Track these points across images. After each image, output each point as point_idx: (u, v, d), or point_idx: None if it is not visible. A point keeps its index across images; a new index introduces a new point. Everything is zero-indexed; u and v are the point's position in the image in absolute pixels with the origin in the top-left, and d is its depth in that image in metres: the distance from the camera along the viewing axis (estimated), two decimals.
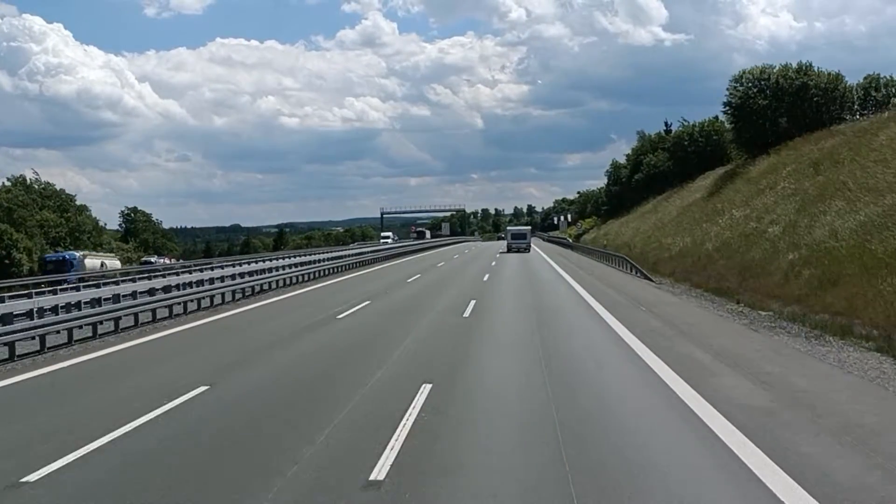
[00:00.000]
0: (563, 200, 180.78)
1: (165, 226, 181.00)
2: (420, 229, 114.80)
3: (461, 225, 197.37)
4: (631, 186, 70.06)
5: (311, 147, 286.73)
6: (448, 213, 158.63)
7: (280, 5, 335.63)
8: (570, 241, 69.32)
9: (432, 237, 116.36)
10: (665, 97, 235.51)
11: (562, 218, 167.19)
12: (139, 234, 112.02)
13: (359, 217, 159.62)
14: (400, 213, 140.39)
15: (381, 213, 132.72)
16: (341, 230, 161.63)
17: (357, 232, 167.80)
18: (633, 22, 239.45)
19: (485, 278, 31.57)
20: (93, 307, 17.03)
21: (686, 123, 64.54)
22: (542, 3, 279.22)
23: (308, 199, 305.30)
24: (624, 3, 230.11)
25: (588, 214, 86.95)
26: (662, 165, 65.84)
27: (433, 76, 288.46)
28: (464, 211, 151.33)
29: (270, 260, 38.16)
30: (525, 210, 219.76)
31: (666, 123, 71.37)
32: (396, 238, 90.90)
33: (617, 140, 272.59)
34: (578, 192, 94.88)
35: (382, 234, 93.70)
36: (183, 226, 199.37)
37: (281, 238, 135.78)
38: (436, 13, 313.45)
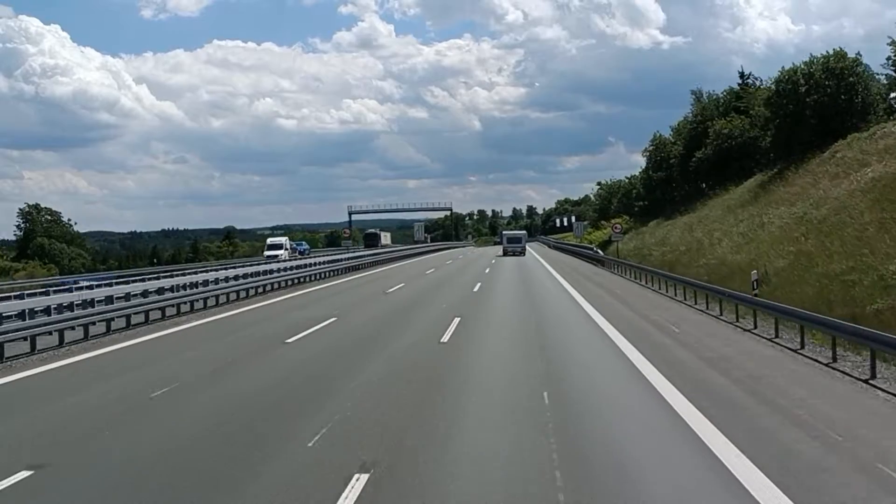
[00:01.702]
0: (566, 201, 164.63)
1: (157, 228, 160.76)
2: (372, 231, 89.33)
3: (455, 227, 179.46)
4: (689, 169, 46.31)
5: (309, 149, 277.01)
6: (442, 215, 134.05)
7: (276, 7, 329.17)
8: (599, 251, 44.85)
9: (411, 243, 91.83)
10: (663, 100, 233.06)
11: (573, 219, 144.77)
12: (34, 237, 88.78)
13: (356, 220, 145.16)
14: (376, 212, 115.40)
15: (349, 213, 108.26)
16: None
17: (340, 235, 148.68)
18: (631, 24, 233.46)
19: None
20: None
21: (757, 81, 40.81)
22: (539, 6, 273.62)
23: (306, 201, 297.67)
24: (621, 5, 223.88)
25: (614, 213, 63.31)
26: (742, 134, 42.22)
27: (430, 78, 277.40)
28: (450, 210, 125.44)
29: None
30: (524, 212, 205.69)
31: (742, 74, 47.51)
32: (306, 249, 64.15)
33: (615, 143, 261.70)
34: (598, 183, 71.27)
35: (270, 241, 56.23)
36: (176, 228, 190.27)
37: (230, 243, 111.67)
38: (432, 16, 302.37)
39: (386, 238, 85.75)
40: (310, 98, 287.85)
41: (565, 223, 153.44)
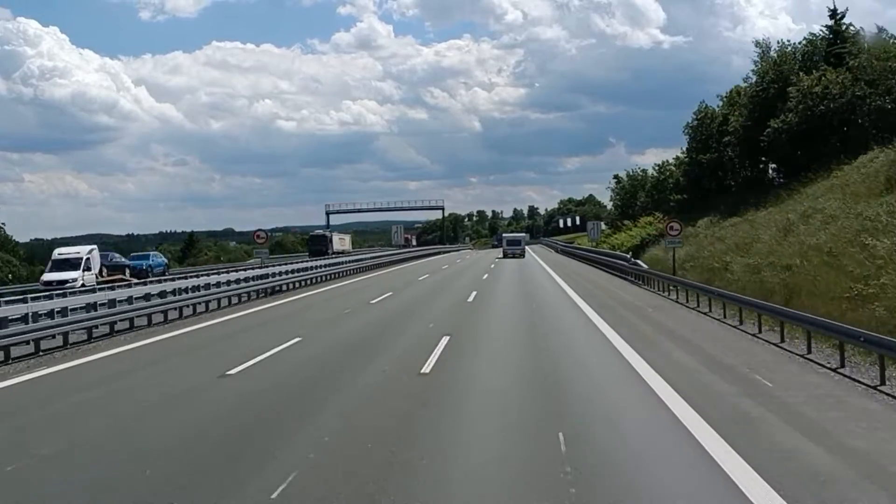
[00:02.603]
0: (570, 201, 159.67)
1: (155, 230, 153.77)
2: (318, 233, 69.87)
3: (453, 229, 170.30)
4: (759, 146, 33.12)
5: (309, 151, 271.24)
6: (436, 215, 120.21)
7: (275, 8, 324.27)
8: (641, 263, 30.66)
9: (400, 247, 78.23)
10: (664, 100, 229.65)
11: (577, 219, 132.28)
12: None
13: (357, 221, 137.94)
14: (357, 212, 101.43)
15: (327, 213, 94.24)
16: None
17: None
18: (631, 24, 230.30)
19: None
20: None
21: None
22: (538, 6, 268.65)
23: (306, 202, 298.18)
24: (621, 4, 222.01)
25: (640, 211, 50.13)
26: (845, 93, 29.12)
27: (430, 79, 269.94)
28: (442, 209, 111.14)
29: None
30: (526, 212, 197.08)
31: (833, 13, 34.05)
32: (158, 265, 36.90)
33: (616, 143, 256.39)
34: (616, 177, 56.91)
35: (58, 253, 29.50)
36: (173, 230, 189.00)
37: (190, 247, 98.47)
38: (431, 16, 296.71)
39: (342, 242, 69.41)
40: (309, 99, 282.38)
41: (569, 224, 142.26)
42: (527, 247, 77.75)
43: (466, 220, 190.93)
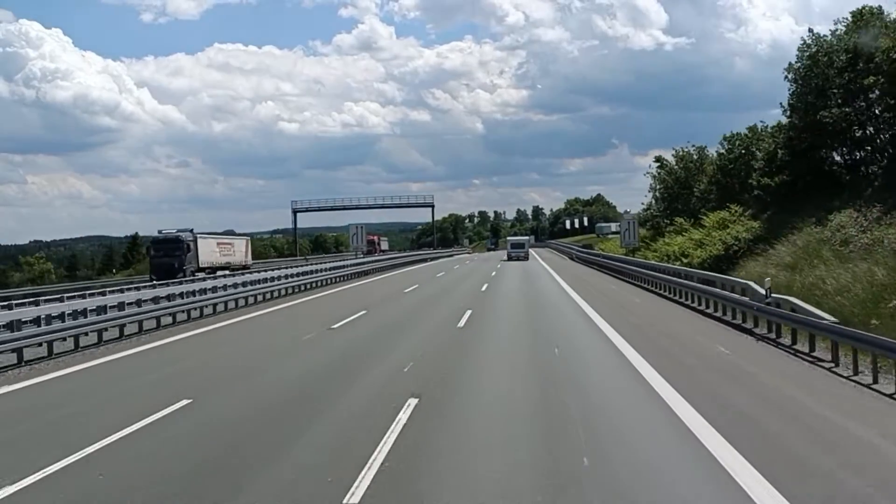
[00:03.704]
0: (577, 201, 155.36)
1: (156, 232, 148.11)
2: (167, 235, 41.25)
3: (454, 230, 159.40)
4: None
5: (312, 152, 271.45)
6: (433, 214, 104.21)
7: (277, 10, 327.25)
8: (791, 301, 14.56)
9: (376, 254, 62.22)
10: (666, 102, 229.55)
11: (584, 220, 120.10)
12: None
13: (356, 223, 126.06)
14: (330, 209, 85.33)
15: (294, 211, 78.52)
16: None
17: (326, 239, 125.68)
18: (633, 25, 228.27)
19: None
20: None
21: None
22: (540, 7, 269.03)
23: (310, 204, 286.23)
24: (623, 6, 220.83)
25: (698, 205, 35.05)
26: None
27: (432, 81, 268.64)
28: (432, 206, 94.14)
29: None
30: (530, 213, 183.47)
31: None
32: None
33: (619, 145, 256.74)
34: (658, 159, 41.25)
35: None
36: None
37: (133, 250, 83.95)
38: (433, 18, 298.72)
39: (226, 250, 45.62)
40: (311, 101, 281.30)
41: (576, 225, 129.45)
42: (531, 250, 69.63)
43: (467, 221, 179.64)
